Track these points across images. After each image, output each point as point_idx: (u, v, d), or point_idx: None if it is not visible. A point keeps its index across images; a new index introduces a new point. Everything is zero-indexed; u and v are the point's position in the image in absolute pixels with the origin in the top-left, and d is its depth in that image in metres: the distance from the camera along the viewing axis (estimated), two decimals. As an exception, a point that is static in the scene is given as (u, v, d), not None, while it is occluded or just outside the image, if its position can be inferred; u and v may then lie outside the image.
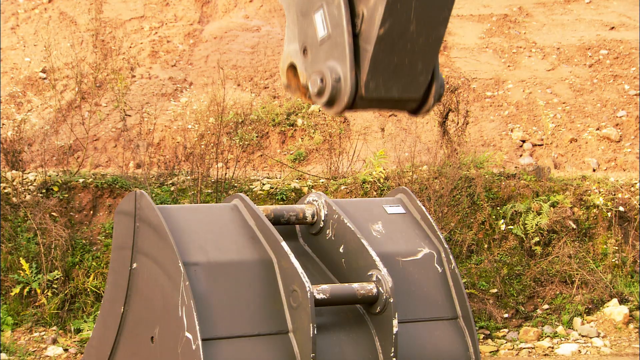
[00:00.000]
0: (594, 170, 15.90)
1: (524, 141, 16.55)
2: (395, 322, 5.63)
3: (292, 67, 5.30)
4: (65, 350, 11.71)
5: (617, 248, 13.73)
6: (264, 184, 13.65)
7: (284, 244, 5.70)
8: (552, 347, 12.51)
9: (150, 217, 5.91)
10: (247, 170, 14.44)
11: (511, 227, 13.54)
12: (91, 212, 13.02)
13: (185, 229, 5.88)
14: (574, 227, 13.64)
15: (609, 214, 13.79)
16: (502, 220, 13.57)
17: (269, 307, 5.67)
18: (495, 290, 13.27)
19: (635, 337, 12.84)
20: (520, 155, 16.27)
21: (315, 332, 5.44)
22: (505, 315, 13.22)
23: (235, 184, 13.58)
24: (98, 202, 13.08)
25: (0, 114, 15.38)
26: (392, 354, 5.67)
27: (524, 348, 12.49)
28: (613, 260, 13.66)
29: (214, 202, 13.06)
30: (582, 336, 12.87)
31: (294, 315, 5.61)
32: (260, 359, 5.52)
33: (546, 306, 13.35)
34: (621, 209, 13.87)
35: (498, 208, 13.70)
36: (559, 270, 13.42)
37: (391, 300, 5.72)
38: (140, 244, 6.02)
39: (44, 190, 12.83)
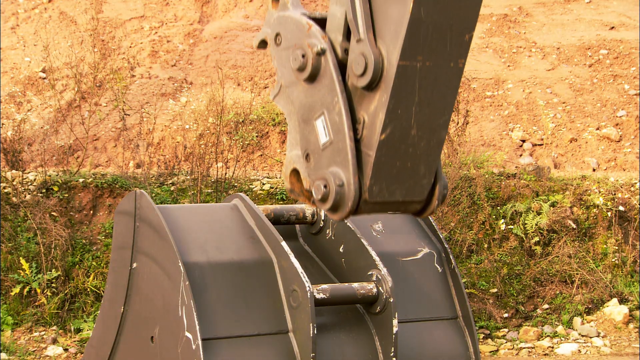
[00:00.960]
0: (593, 170, 15.90)
1: (524, 141, 16.56)
2: (395, 321, 5.64)
3: (295, 172, 5.37)
4: (65, 350, 11.71)
5: (617, 248, 13.73)
6: (264, 184, 13.65)
7: (284, 243, 5.70)
8: (552, 347, 12.52)
9: (150, 217, 5.91)
10: (247, 170, 14.44)
11: (511, 227, 13.54)
12: (91, 211, 13.02)
13: (185, 229, 5.88)
14: (574, 226, 13.64)
15: (609, 213, 13.79)
16: (502, 220, 13.58)
17: (269, 307, 5.67)
18: (495, 290, 13.27)
19: (635, 336, 12.85)
20: (520, 155, 16.27)
21: (315, 332, 5.44)
22: (505, 315, 13.22)
23: (235, 184, 13.58)
24: (98, 201, 13.09)
25: (0, 113, 15.39)
26: (392, 354, 5.67)
27: (524, 348, 12.49)
28: (613, 260, 13.67)
29: (214, 202, 13.06)
30: (582, 336, 12.87)
31: (294, 315, 5.61)
32: (260, 359, 5.52)
33: (546, 306, 13.36)
34: (621, 208, 13.88)
35: (498, 208, 13.70)
36: (559, 270, 13.42)
37: (391, 300, 5.72)
38: (140, 244, 6.03)
39: (44, 190, 12.83)
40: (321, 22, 5.29)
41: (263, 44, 5.64)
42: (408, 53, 4.73)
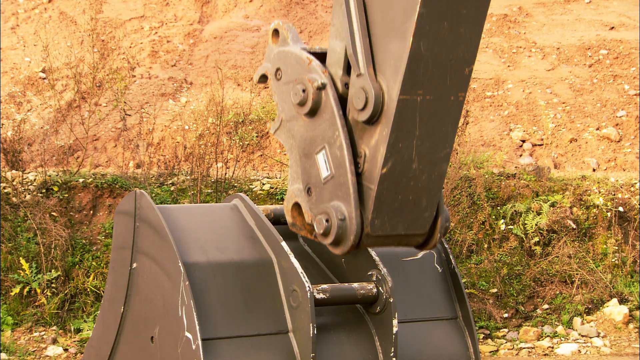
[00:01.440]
0: (593, 170, 15.90)
1: (523, 141, 16.55)
2: (395, 322, 5.63)
3: (297, 206, 5.47)
4: (65, 350, 11.71)
5: (616, 248, 13.73)
6: (263, 184, 13.66)
7: (284, 243, 5.69)
8: (552, 347, 12.52)
9: (150, 217, 5.90)
10: (247, 170, 14.44)
11: (511, 227, 13.55)
12: (91, 212, 13.02)
13: (185, 229, 5.88)
14: (574, 227, 13.64)
15: (609, 214, 13.79)
16: (502, 220, 13.58)
17: (269, 307, 5.66)
18: (495, 290, 13.27)
19: (635, 337, 12.85)
20: (520, 155, 16.27)
21: (315, 332, 5.43)
22: (505, 315, 13.22)
23: (235, 184, 13.58)
24: (98, 202, 13.09)
25: (0, 113, 15.39)
26: (391, 354, 5.66)
27: (524, 348, 12.49)
28: (613, 260, 13.67)
29: (213, 202, 13.06)
30: (582, 336, 12.87)
31: (294, 315, 5.60)
32: (260, 359, 5.52)
33: (546, 306, 13.35)
34: (621, 209, 13.88)
35: (498, 208, 13.70)
36: (559, 270, 13.42)
37: (391, 300, 5.71)
38: (140, 244, 6.02)
39: (43, 190, 12.84)
40: (321, 57, 5.37)
41: (263, 79, 5.70)
42: (408, 87, 4.77)
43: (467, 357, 6.24)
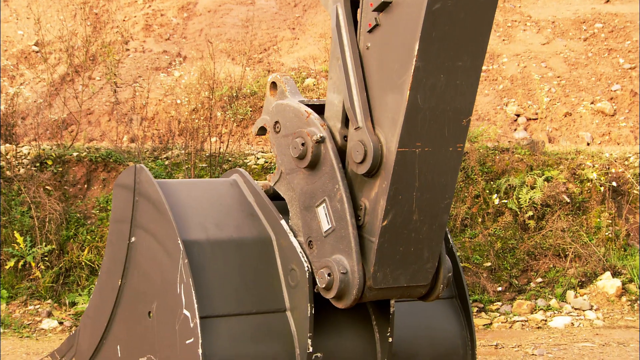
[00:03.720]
0: (588, 144, 15.91)
1: (518, 115, 16.55)
2: (392, 301, 5.65)
3: None
4: (61, 323, 11.73)
5: (610, 222, 13.76)
6: (258, 158, 13.64)
7: (283, 222, 5.69)
8: (546, 320, 12.57)
9: (149, 192, 5.88)
10: (242, 145, 14.41)
11: (505, 201, 13.56)
12: (85, 185, 13.00)
13: (185, 205, 5.86)
14: (568, 201, 13.66)
15: (603, 188, 13.82)
16: (496, 194, 13.59)
17: (267, 285, 5.67)
18: (489, 264, 13.31)
19: (627, 309, 12.91)
20: (515, 129, 16.27)
21: (313, 311, 5.44)
22: (499, 289, 13.27)
23: (230, 158, 13.55)
24: (92, 175, 13.06)
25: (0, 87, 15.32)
26: (388, 334, 5.68)
27: (518, 321, 12.54)
28: (606, 233, 13.70)
29: (208, 177, 13.05)
30: (575, 309, 12.92)
31: (291, 294, 5.61)
32: (257, 337, 5.53)
33: (539, 279, 13.40)
34: (614, 183, 13.90)
35: (492, 182, 13.71)
36: (553, 244, 13.45)
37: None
38: (139, 219, 6.01)
39: (37, 164, 12.81)
40: (319, 109, 5.42)
41: (262, 131, 5.75)
42: (406, 140, 4.80)
43: (462, 337, 6.27)
